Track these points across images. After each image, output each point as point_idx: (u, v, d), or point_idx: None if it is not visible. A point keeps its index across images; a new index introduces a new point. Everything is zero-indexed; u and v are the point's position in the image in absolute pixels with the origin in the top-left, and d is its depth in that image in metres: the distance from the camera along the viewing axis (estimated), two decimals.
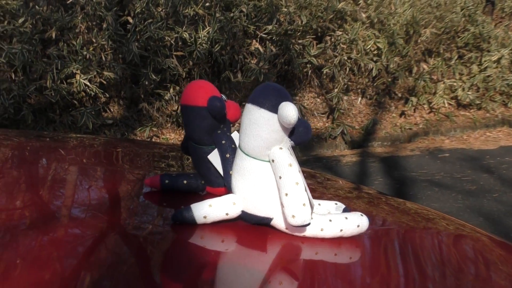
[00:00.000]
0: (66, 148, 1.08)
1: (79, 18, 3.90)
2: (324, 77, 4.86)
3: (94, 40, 3.98)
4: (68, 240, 0.55)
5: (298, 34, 4.51)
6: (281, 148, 0.58)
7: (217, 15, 4.14)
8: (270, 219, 0.61)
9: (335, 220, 0.61)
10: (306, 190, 0.57)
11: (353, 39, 4.72)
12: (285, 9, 4.40)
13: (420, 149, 4.80)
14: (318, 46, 4.60)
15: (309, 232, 0.60)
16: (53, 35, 3.86)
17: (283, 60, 4.43)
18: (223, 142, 0.66)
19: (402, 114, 5.16)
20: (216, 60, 4.36)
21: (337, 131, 4.65)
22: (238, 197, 0.62)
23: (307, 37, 4.55)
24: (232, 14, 4.20)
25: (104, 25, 3.96)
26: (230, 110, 0.69)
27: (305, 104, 4.74)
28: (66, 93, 3.78)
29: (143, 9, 4.04)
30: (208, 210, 0.62)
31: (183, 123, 0.93)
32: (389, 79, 5.03)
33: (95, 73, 3.89)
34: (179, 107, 0.96)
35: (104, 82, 3.98)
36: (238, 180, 0.62)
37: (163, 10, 4.09)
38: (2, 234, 0.54)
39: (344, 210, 0.66)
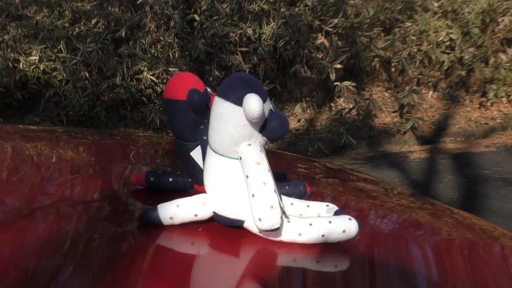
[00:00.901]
0: (135, 145, 1.12)
1: (148, 17, 4.05)
2: (393, 70, 4.72)
3: (161, 38, 4.13)
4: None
5: (365, 26, 4.42)
6: (249, 145, 0.54)
7: (282, 9, 4.15)
8: (242, 222, 0.57)
9: (316, 224, 0.56)
10: (275, 191, 0.53)
11: (423, 30, 4.55)
12: (352, 1, 4.32)
13: (496, 145, 4.52)
14: (386, 38, 4.48)
15: (285, 236, 0.56)
16: (123, 34, 4.04)
17: (350, 54, 4.35)
18: (205, 138, 0.62)
19: (478, 108, 4.88)
20: (280, 56, 4.37)
21: (407, 126, 4.49)
22: (209, 197, 0.58)
23: (374, 29, 4.45)
24: (297, 9, 4.18)
25: (171, 24, 4.09)
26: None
27: (373, 98, 4.62)
28: (135, 90, 3.95)
29: (209, 6, 4.13)
30: (175, 210, 0.58)
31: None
32: (463, 72, 4.79)
33: (161, 70, 4.02)
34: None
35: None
36: (208, 178, 0.59)
37: (228, 6, 4.16)
38: (87, 230, 0.57)
39: (336, 213, 0.61)
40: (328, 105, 4.70)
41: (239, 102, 0.51)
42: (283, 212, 0.55)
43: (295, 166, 1.06)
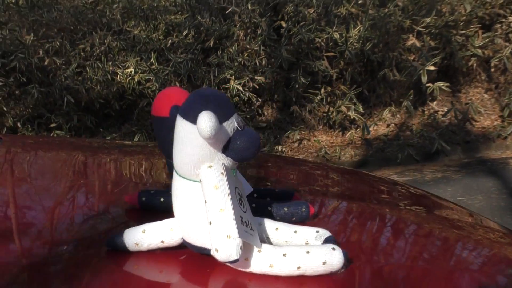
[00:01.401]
0: None
1: (237, 26, 4.12)
2: (493, 70, 4.42)
3: (248, 47, 4.18)
4: None
5: (461, 24, 4.18)
6: (210, 167, 0.51)
7: (370, 11, 4.05)
8: (208, 250, 0.52)
9: (291, 255, 0.51)
10: (236, 219, 0.49)
11: None
12: None
13: None
14: (484, 36, 4.21)
15: (255, 268, 0.52)
16: (212, 44, 4.14)
17: (444, 54, 4.13)
18: None
19: None
20: (368, 59, 4.25)
21: (509, 130, 4.17)
22: (177, 223, 0.54)
23: (471, 27, 4.20)
24: (386, 10, 4.06)
25: (258, 31, 4.13)
26: None
27: (471, 100, 4.35)
28: None
29: (295, 12, 4.13)
30: (141, 236, 0.55)
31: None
32: None
33: (248, 78, 4.06)
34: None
35: (257, 87, 4.14)
36: (174, 202, 0.55)
37: (315, 11, 4.13)
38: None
39: (327, 240, 0.56)
40: (420, 109, 4.50)
41: (195, 120, 0.48)
42: (254, 240, 0.51)
43: (374, 188, 1.01)
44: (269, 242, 0.58)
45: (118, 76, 3.93)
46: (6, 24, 3.83)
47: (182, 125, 0.51)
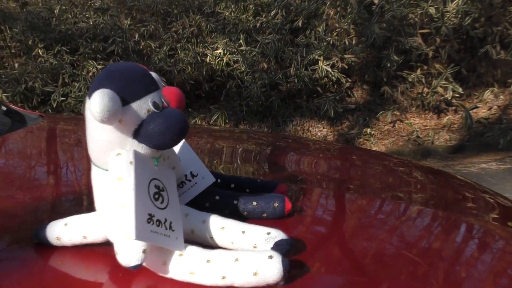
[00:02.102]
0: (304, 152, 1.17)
1: (327, 4, 4.06)
2: None
3: (337, 26, 4.10)
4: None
5: None
6: (118, 154, 0.45)
7: None
8: None
9: (216, 262, 0.44)
10: (135, 217, 0.42)
11: None
12: None
13: None
14: None
15: (175, 274, 0.45)
16: (300, 24, 4.11)
17: None
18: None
19: None
20: (467, 35, 3.99)
21: None
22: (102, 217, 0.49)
23: None
24: None
25: (349, 9, 4.03)
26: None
27: None
28: (308, 80, 3.97)
29: None
30: (63, 230, 0.51)
31: None
32: None
33: (337, 58, 3.98)
34: None
35: (346, 67, 4.05)
36: (94, 193, 0.50)
37: None
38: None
39: (278, 244, 0.49)
40: None
41: None
42: (168, 242, 0.44)
43: (458, 195, 0.90)
44: (213, 243, 0.53)
45: (208, 57, 4.04)
46: (107, 10, 4.07)
47: (87, 107, 0.46)
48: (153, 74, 0.52)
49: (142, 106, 0.46)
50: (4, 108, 1.21)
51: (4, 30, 3.81)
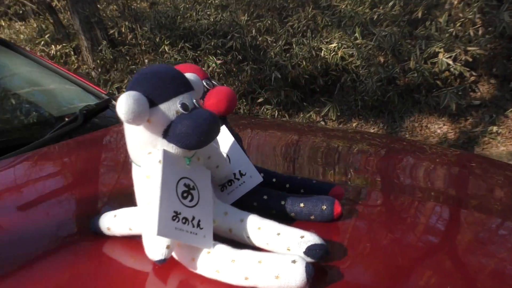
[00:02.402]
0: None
1: None
2: None
3: (461, 15, 3.86)
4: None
5: None
6: (149, 153, 0.47)
7: None
8: None
9: (240, 262, 0.45)
10: (159, 214, 0.44)
11: None
12: None
13: None
14: None
15: (202, 270, 0.47)
16: (420, 15, 3.95)
17: None
18: None
19: None
20: None
21: None
22: None
23: None
24: None
25: None
26: (209, 98, 0.61)
27: None
28: (428, 73, 3.80)
29: None
30: (112, 221, 0.56)
31: None
32: None
33: (460, 50, 3.76)
34: None
35: (470, 60, 3.81)
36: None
37: None
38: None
39: (310, 249, 0.48)
40: None
41: None
42: (195, 240, 0.47)
43: None
44: (250, 243, 0.53)
45: (322, 51, 4.04)
46: (226, 7, 4.24)
47: None
48: (191, 75, 0.54)
49: (171, 108, 0.47)
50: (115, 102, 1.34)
51: (136, 29, 4.14)
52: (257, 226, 0.52)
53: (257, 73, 4.10)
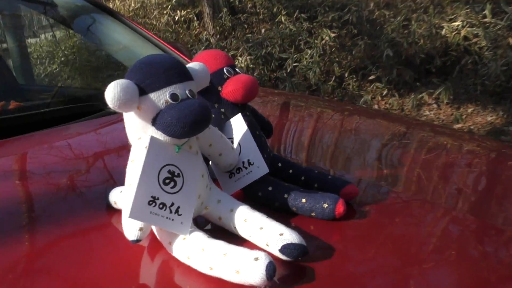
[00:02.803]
0: None
1: None
2: None
3: None
4: None
5: None
6: (139, 139, 0.51)
7: None
8: None
9: (208, 252, 0.47)
10: (135, 197, 0.47)
11: None
12: None
13: None
14: None
15: (178, 255, 0.50)
16: None
17: None
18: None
19: None
20: None
21: None
22: None
23: None
24: None
25: None
26: (227, 86, 0.63)
27: None
28: None
29: None
30: (118, 196, 0.60)
31: None
32: None
33: None
34: None
35: None
36: None
37: None
38: None
39: (284, 247, 0.48)
40: None
41: None
42: (169, 225, 0.49)
43: None
44: (237, 233, 0.55)
45: (443, 30, 3.84)
46: None
47: None
48: (197, 65, 0.55)
49: (161, 97, 0.49)
50: None
51: None
52: (244, 218, 0.54)
53: (371, 49, 4.05)
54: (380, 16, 4.06)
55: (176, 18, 4.87)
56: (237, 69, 0.66)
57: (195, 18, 4.87)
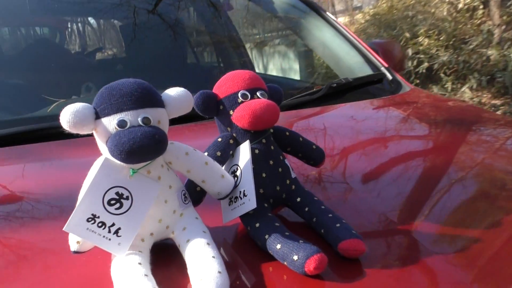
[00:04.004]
0: None
1: None
2: None
3: None
4: None
5: None
6: (100, 156, 0.54)
7: None
8: None
9: (127, 279, 0.48)
10: (76, 213, 0.49)
11: None
12: None
13: None
14: None
15: (112, 272, 0.52)
16: None
17: None
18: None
19: None
20: None
21: None
22: None
23: None
24: None
25: None
26: (236, 112, 0.62)
27: None
28: None
29: None
30: None
31: None
32: None
33: None
34: None
35: None
36: None
37: None
38: None
39: None
40: None
41: None
42: (105, 245, 0.50)
43: None
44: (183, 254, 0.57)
45: None
46: None
47: None
48: (171, 91, 0.56)
49: (111, 123, 0.51)
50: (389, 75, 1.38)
51: None
52: (194, 251, 0.52)
53: None
54: None
55: (459, 6, 4.35)
56: (258, 93, 0.63)
57: (481, 6, 4.22)
